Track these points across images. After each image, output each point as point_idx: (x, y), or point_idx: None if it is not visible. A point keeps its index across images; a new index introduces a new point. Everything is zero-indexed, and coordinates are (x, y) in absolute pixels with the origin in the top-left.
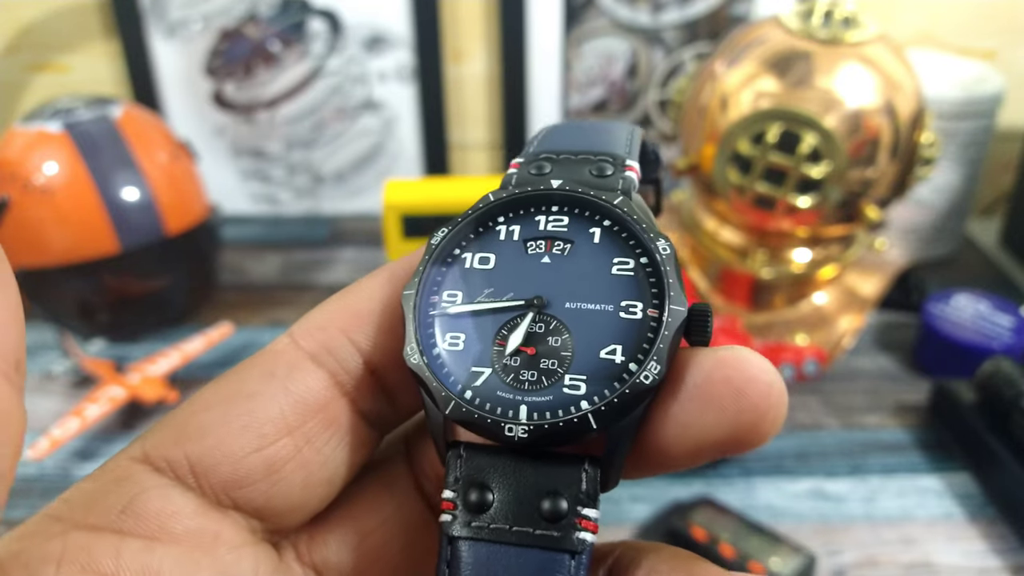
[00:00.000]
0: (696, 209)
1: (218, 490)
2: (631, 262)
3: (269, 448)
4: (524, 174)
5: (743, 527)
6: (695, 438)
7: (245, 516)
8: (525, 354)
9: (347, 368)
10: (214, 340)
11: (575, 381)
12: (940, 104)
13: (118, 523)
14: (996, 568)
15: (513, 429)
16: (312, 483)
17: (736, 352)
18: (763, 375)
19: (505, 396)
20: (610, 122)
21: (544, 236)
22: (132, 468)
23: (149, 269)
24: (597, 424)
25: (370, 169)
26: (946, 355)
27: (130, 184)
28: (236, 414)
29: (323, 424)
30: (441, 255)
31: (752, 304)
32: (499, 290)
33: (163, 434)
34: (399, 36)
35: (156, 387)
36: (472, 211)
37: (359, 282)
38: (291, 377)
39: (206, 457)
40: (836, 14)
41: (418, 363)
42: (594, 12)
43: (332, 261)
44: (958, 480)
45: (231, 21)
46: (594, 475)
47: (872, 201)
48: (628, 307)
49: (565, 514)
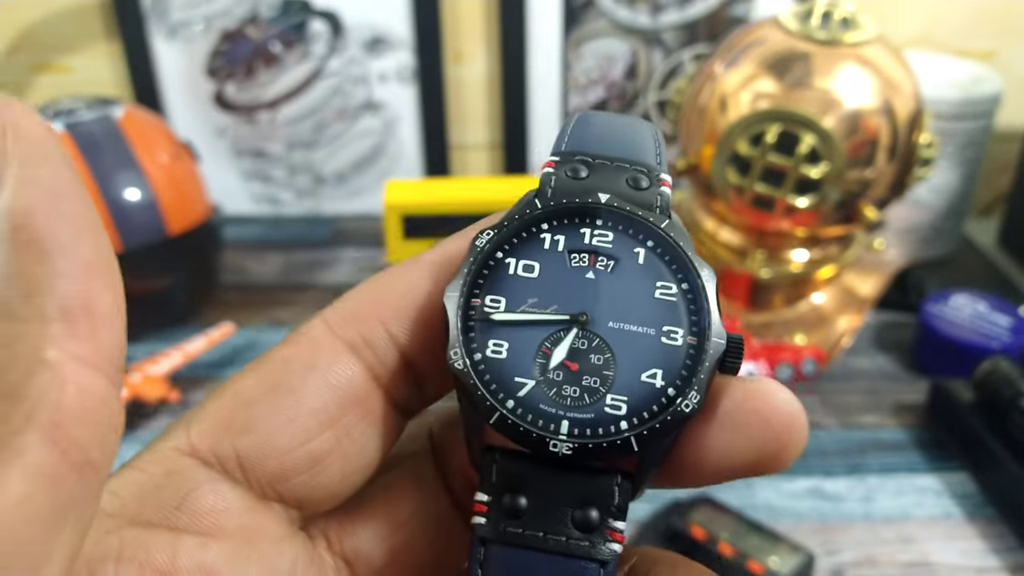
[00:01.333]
0: (695, 209)
1: (264, 484)
2: (673, 287)
3: (313, 442)
4: (562, 177)
5: (742, 526)
6: (721, 462)
7: (286, 508)
8: (568, 369)
9: (383, 360)
10: (215, 340)
11: (616, 401)
12: (938, 105)
13: (173, 520)
14: (994, 567)
15: (557, 445)
16: (349, 472)
17: (764, 384)
18: (787, 407)
19: (548, 410)
20: (635, 120)
21: (588, 250)
22: (181, 461)
23: (151, 269)
24: (638, 446)
25: (371, 170)
26: (944, 355)
27: (132, 184)
28: (282, 408)
29: (360, 415)
30: (485, 258)
31: (751, 304)
32: (543, 301)
33: (209, 425)
34: (400, 37)
35: (157, 387)
36: (517, 215)
37: (396, 270)
38: (331, 370)
39: (254, 452)
40: (835, 15)
41: (463, 368)
42: (594, 13)
43: (333, 261)
44: (956, 479)
45: (232, 22)
46: (625, 489)
47: (870, 201)
48: (670, 332)
49: (597, 525)
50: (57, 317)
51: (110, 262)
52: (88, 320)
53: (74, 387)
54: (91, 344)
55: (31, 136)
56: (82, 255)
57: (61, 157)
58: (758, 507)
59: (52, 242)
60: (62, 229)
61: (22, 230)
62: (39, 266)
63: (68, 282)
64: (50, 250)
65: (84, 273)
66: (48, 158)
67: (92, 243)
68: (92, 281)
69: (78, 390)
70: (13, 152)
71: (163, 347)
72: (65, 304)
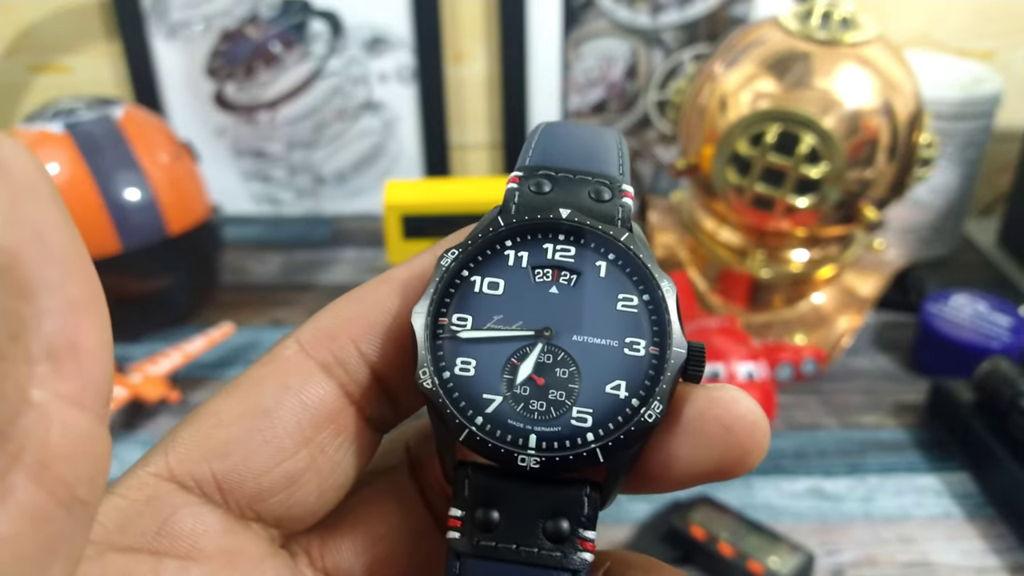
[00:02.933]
0: (695, 209)
1: (243, 505)
2: (635, 299)
3: (289, 461)
4: (525, 192)
5: (742, 526)
6: (685, 468)
7: (265, 527)
8: (534, 384)
9: (355, 379)
10: (215, 340)
11: (582, 414)
12: (938, 105)
13: (154, 544)
14: (994, 567)
15: (525, 460)
16: (326, 489)
17: (726, 392)
18: (749, 415)
19: (516, 425)
20: (599, 130)
21: (552, 265)
22: (160, 486)
23: (150, 269)
24: (604, 457)
25: (371, 170)
26: (944, 355)
27: (132, 184)
28: (257, 429)
29: (334, 433)
30: (451, 276)
31: (751, 304)
32: (508, 317)
33: (186, 450)
34: (400, 37)
35: (158, 387)
36: (481, 233)
37: (365, 289)
38: (305, 389)
39: (232, 474)
40: (835, 15)
41: (432, 387)
42: (594, 13)
43: (333, 261)
44: (956, 479)
45: (232, 22)
46: (594, 499)
47: (870, 201)
48: (632, 344)
49: (567, 535)
50: (43, 357)
51: (97, 298)
52: (74, 358)
53: (60, 426)
54: (77, 382)
55: (19, 174)
56: (68, 293)
57: (49, 193)
58: (758, 507)
59: (38, 281)
60: (48, 268)
61: (8, 270)
62: (25, 306)
63: (54, 321)
64: (36, 290)
65: (70, 311)
66: (36, 195)
67: (79, 280)
68: (78, 319)
69: (64, 429)
70: (1, 191)
71: (163, 347)
72: (51, 343)
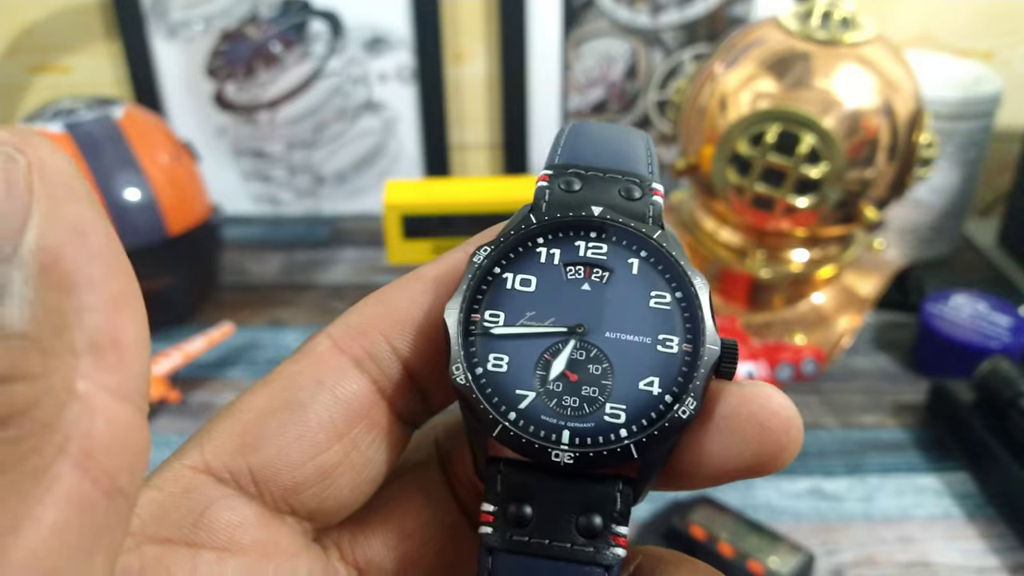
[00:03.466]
0: (695, 209)
1: (277, 498)
2: (667, 296)
3: (323, 455)
4: (556, 190)
5: (742, 526)
6: (719, 465)
7: (299, 520)
8: (567, 380)
9: (388, 374)
10: (215, 340)
11: (615, 410)
12: (938, 105)
13: (191, 536)
14: (994, 567)
15: (559, 455)
16: (359, 483)
17: (760, 389)
18: (783, 411)
19: (549, 420)
20: (628, 130)
21: (584, 262)
22: (196, 479)
23: (151, 269)
24: (637, 453)
25: (371, 170)
26: (944, 355)
27: (132, 185)
28: (292, 423)
29: (367, 428)
30: (483, 273)
31: (751, 304)
32: (541, 314)
33: (221, 443)
34: (400, 37)
35: (158, 387)
36: (513, 230)
37: (397, 285)
38: (339, 385)
39: (267, 467)
40: (835, 15)
41: (465, 383)
42: (594, 13)
43: (333, 261)
44: (956, 479)
45: (232, 22)
46: (627, 495)
47: (870, 201)
48: (665, 340)
49: (600, 531)
50: (86, 350)
51: (135, 295)
52: (116, 352)
53: (103, 418)
54: (119, 375)
55: (56, 173)
56: (109, 289)
57: (86, 193)
58: (758, 507)
59: (80, 278)
60: (89, 265)
61: (51, 267)
62: (68, 301)
63: (96, 316)
64: (78, 285)
65: (111, 307)
66: (74, 195)
67: (118, 277)
68: (119, 314)
69: (107, 420)
70: (40, 190)
71: (163, 347)
72: (94, 338)
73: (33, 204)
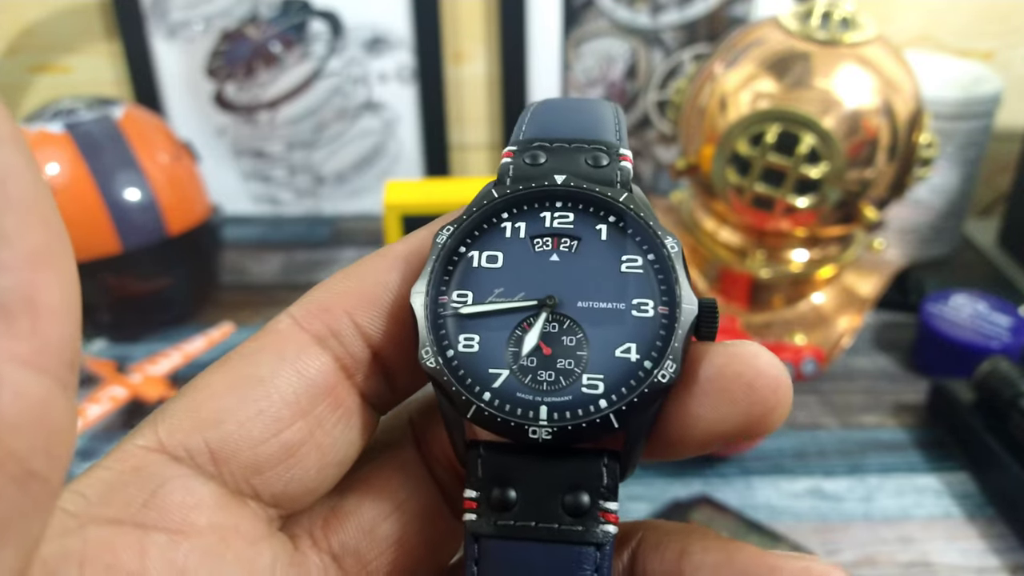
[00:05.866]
0: (695, 209)
1: (238, 477)
2: (639, 259)
3: (285, 432)
4: (520, 164)
5: (742, 526)
6: (707, 429)
7: (262, 506)
8: (541, 354)
9: (351, 352)
10: (215, 340)
11: (593, 380)
12: (938, 105)
13: (140, 517)
14: (994, 567)
15: (537, 431)
16: (325, 465)
17: (746, 347)
18: (771, 369)
19: (525, 397)
20: (594, 101)
21: (551, 233)
22: (149, 457)
23: (150, 269)
24: (618, 423)
25: (371, 170)
26: (944, 355)
27: (132, 185)
28: (252, 398)
29: (331, 407)
30: (448, 253)
31: (751, 304)
32: (510, 289)
33: (177, 420)
34: (400, 37)
35: (158, 387)
36: (476, 207)
37: (362, 263)
38: (300, 360)
39: (226, 443)
40: (835, 15)
41: (435, 366)
42: (594, 13)
43: (333, 261)
44: (956, 479)
45: (232, 22)
46: (614, 469)
47: (870, 201)
48: (640, 305)
49: (588, 508)
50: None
51: (61, 251)
52: (30, 315)
53: (10, 392)
54: (33, 342)
55: None
56: (27, 244)
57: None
58: (758, 507)
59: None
60: (5, 216)
61: None
62: None
63: (8, 275)
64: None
65: (28, 264)
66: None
67: (40, 231)
68: (37, 272)
69: (15, 395)
70: None
71: (163, 347)
72: (3, 299)
73: None
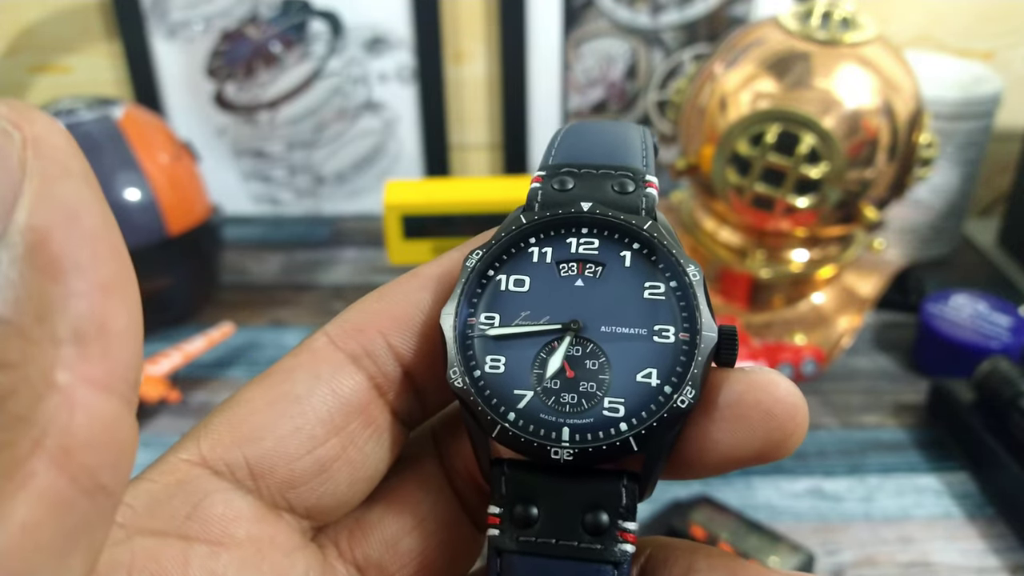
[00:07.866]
0: (695, 209)
1: (274, 491)
2: (662, 286)
3: (320, 449)
4: (548, 190)
5: (742, 526)
6: (725, 453)
7: (296, 518)
8: (565, 377)
9: (384, 371)
10: (215, 340)
11: (614, 404)
12: (938, 105)
13: (184, 529)
14: (994, 567)
15: (559, 452)
16: (356, 480)
17: (765, 375)
18: (789, 397)
19: (548, 419)
20: (623, 125)
21: (576, 259)
22: (192, 471)
23: (151, 269)
24: (638, 446)
25: (371, 170)
26: (944, 355)
27: (132, 185)
28: (289, 415)
29: (363, 424)
30: (477, 276)
31: (751, 304)
32: (536, 313)
33: (218, 435)
34: (400, 37)
35: (158, 387)
36: (504, 232)
37: (395, 284)
38: (335, 380)
39: (264, 459)
40: (835, 15)
41: (463, 386)
42: (594, 13)
43: (333, 261)
44: (956, 479)
45: (232, 22)
46: (633, 490)
47: (870, 201)
48: (661, 331)
49: (607, 527)
50: (69, 339)
51: (128, 280)
52: (101, 341)
53: (84, 412)
54: (104, 366)
55: (53, 150)
56: (99, 275)
57: (82, 172)
58: (758, 507)
59: (68, 262)
60: (80, 249)
61: (38, 249)
62: (53, 286)
63: (82, 303)
64: (66, 270)
65: (100, 293)
66: (69, 174)
67: (109, 262)
68: (107, 301)
69: (88, 414)
70: (33, 167)
71: (163, 347)
72: (78, 326)
73: (25, 181)
